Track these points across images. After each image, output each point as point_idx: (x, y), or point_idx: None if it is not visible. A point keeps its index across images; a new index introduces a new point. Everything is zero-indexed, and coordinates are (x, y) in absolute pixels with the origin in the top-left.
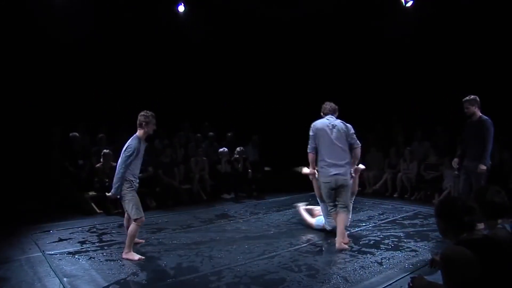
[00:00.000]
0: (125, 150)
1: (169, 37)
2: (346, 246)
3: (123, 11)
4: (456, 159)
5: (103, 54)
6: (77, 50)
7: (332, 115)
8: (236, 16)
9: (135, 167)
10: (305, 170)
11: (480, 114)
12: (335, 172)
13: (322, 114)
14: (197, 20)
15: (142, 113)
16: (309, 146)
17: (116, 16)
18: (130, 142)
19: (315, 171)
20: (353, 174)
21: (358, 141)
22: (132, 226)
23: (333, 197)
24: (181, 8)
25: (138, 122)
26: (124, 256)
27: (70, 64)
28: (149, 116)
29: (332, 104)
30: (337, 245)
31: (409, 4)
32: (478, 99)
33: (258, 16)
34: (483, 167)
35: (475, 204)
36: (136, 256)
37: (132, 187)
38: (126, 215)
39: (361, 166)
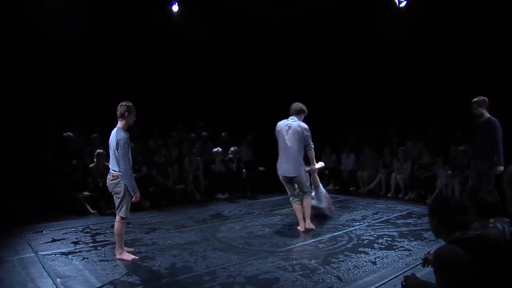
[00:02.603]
0: (117, 146)
1: (163, 37)
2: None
3: (117, 10)
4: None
5: (96, 54)
6: (71, 50)
7: (295, 116)
8: (230, 16)
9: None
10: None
11: (489, 115)
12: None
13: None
14: (191, 19)
15: (122, 103)
16: None
17: (110, 15)
18: (119, 136)
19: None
20: (309, 171)
21: (311, 144)
22: (118, 224)
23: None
24: (175, 8)
25: (119, 113)
26: (117, 256)
27: (64, 64)
28: (131, 107)
29: (299, 105)
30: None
31: (403, 4)
32: (486, 100)
33: (252, 16)
34: (501, 168)
35: (468, 203)
36: (130, 256)
37: None
38: None
39: (318, 165)
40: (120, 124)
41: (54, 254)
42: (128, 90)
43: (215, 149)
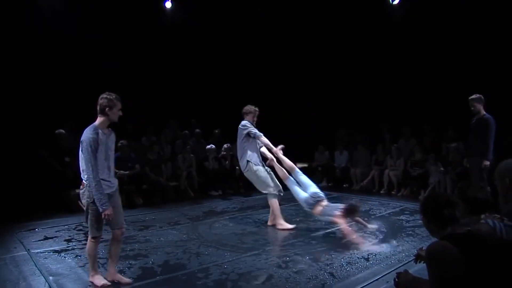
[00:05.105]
0: (81, 149)
1: (156, 34)
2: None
3: (110, 7)
4: (465, 159)
5: (89, 50)
6: (63, 47)
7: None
8: (223, 13)
9: (99, 165)
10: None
11: (484, 112)
12: None
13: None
14: (184, 16)
15: (104, 95)
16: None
17: (103, 12)
18: (83, 136)
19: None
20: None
21: (254, 132)
22: (88, 244)
23: None
24: (168, 5)
25: (98, 107)
26: (90, 279)
27: (56, 61)
28: (113, 99)
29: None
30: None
31: (396, 1)
32: (482, 97)
33: (245, 13)
34: (486, 163)
35: (457, 198)
36: (101, 281)
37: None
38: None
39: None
40: (98, 121)
41: (47, 252)
42: (121, 87)
43: (208, 146)
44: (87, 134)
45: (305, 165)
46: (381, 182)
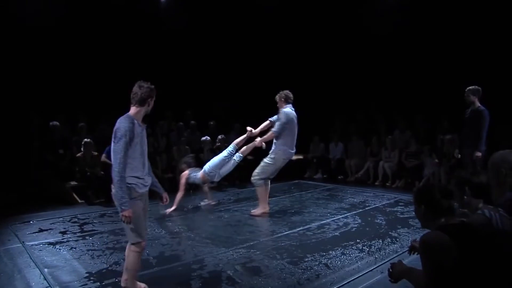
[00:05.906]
0: (114, 138)
1: (150, 24)
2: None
3: None
4: (457, 150)
5: (83, 42)
6: (57, 38)
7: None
8: (218, 4)
9: (134, 161)
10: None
11: (479, 104)
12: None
13: (286, 101)
14: (178, 7)
15: (143, 84)
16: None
17: (95, 2)
18: (118, 125)
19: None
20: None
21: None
22: (131, 253)
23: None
24: None
25: (138, 97)
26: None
27: (49, 53)
28: (154, 90)
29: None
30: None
31: None
32: (480, 90)
33: (240, 4)
34: (478, 154)
35: (454, 188)
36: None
37: (133, 195)
38: None
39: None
40: (133, 111)
41: (41, 244)
42: (114, 79)
43: (203, 138)
44: (123, 122)
45: (300, 156)
46: (375, 173)
